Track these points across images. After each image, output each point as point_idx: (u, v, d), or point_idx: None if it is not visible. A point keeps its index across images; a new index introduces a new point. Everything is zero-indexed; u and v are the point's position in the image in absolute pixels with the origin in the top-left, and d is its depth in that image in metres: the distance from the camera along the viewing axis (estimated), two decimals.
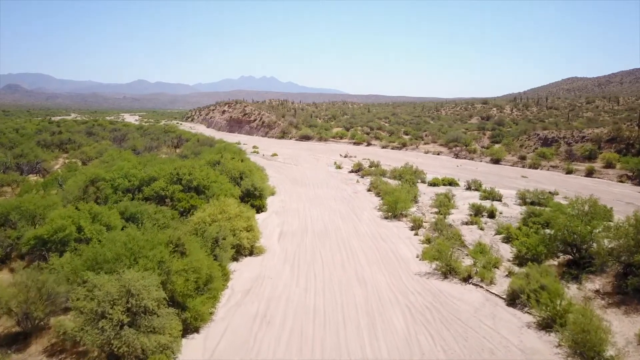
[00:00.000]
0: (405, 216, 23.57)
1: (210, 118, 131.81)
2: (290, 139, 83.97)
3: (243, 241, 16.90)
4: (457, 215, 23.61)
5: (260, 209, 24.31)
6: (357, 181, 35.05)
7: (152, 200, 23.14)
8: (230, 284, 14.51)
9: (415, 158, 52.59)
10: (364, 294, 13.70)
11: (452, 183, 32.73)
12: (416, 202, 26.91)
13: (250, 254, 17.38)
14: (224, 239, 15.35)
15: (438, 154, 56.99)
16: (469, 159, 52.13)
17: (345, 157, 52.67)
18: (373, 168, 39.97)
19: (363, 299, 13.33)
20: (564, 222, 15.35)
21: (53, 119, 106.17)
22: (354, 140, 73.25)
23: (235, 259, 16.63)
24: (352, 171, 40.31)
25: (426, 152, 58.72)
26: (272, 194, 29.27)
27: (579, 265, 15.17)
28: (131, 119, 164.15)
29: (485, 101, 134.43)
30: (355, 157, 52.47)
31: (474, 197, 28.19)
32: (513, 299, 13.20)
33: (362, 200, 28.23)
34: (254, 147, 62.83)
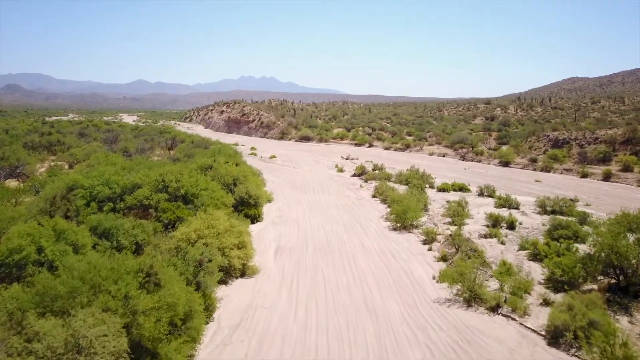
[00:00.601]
0: (416, 227, 21.34)
1: (209, 118, 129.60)
2: (290, 140, 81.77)
3: (233, 261, 14.68)
4: (473, 226, 21.38)
5: (255, 218, 22.09)
6: (361, 186, 32.83)
7: (136, 210, 20.95)
8: (217, 315, 12.29)
9: (420, 160, 50.36)
10: (376, 330, 11.47)
11: (462, 188, 30.51)
12: (426, 210, 24.68)
13: (242, 275, 15.16)
14: (209, 260, 13.12)
15: (443, 156, 54.76)
16: (477, 162, 49.90)
17: (346, 159, 50.46)
18: (377, 171, 37.74)
19: (374, 337, 11.10)
20: (607, 241, 13.14)
21: (47, 119, 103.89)
22: (355, 142, 71.05)
23: (224, 282, 14.41)
24: (354, 175, 38.08)
25: (431, 154, 56.48)
26: (269, 200, 27.06)
27: (626, 291, 12.97)
28: (129, 119, 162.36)
29: (488, 101, 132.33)
30: (357, 159, 50.25)
31: (489, 205, 25.99)
32: (555, 337, 10.97)
33: (367, 208, 26.01)
34: (252, 148, 60.62)
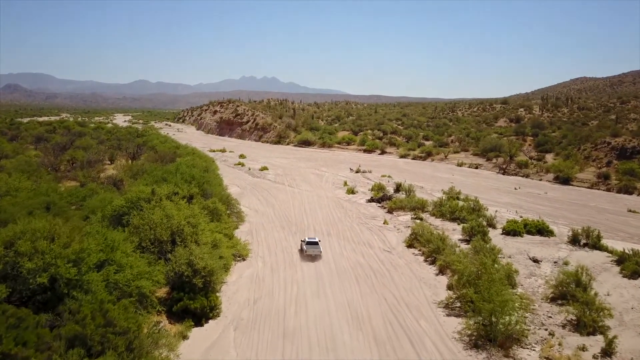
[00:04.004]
0: (518, 339, 10.90)
1: (201, 119, 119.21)
2: (288, 144, 71.22)
3: None
4: (625, 337, 10.93)
5: (203, 315, 11.62)
6: (385, 222, 22.32)
7: None
8: None
9: (450, 174, 39.90)
10: None
11: (541, 230, 19.99)
12: (512, 285, 14.19)
13: None
14: None
15: (476, 168, 44.22)
16: (523, 176, 39.35)
17: (357, 172, 39.98)
18: (403, 195, 27.30)
19: None
20: None
21: (17, 119, 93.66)
22: (364, 147, 60.52)
23: None
24: (372, 200, 27.60)
25: (460, 165, 45.91)
26: (243, 257, 16.65)
27: None
28: (122, 119, 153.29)
29: (505, 101, 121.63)
30: (370, 172, 39.82)
31: (610, 270, 15.51)
32: None
33: (406, 273, 15.55)
34: (241, 156, 50.09)
